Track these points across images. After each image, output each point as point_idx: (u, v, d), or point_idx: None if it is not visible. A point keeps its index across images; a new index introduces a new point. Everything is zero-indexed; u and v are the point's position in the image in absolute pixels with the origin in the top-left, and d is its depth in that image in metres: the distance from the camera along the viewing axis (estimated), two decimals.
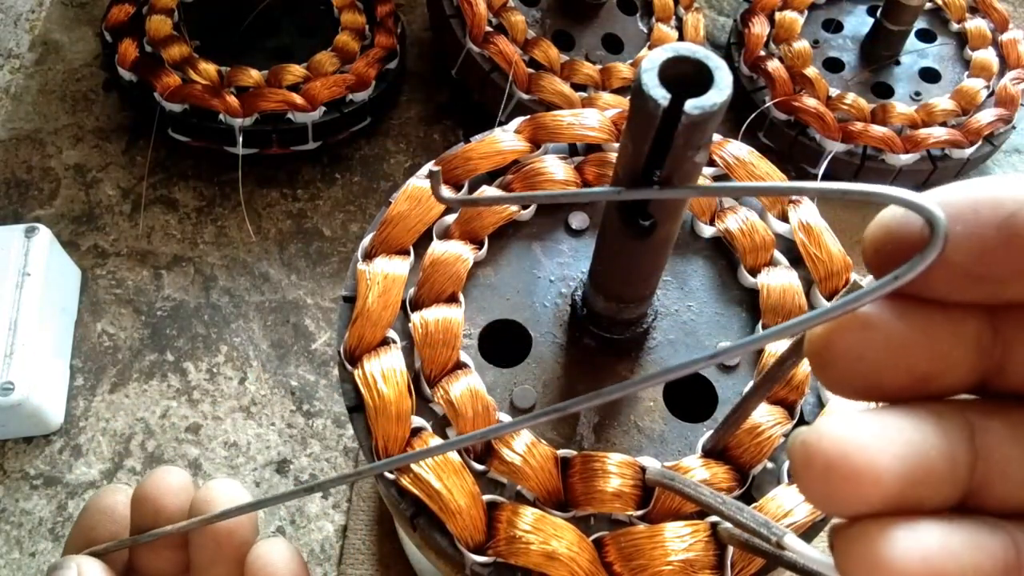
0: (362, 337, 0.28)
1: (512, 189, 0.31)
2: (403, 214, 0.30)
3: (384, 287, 0.28)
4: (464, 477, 0.25)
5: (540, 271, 0.31)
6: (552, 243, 0.31)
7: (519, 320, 0.30)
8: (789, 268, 0.31)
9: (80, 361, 0.58)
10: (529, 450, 0.25)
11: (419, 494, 0.25)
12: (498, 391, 0.28)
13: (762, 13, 0.72)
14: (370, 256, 0.30)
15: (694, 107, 0.19)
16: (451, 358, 0.27)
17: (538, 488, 0.25)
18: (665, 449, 0.27)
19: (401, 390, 0.26)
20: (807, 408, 0.28)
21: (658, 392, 0.29)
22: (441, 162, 0.32)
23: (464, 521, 0.24)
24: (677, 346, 0.30)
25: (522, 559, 0.24)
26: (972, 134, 0.65)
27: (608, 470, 0.25)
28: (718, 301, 0.31)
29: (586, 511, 0.25)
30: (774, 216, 0.32)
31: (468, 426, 0.26)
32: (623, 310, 0.28)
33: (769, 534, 0.20)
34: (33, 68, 0.73)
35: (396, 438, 0.26)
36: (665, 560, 0.24)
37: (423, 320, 0.28)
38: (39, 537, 0.52)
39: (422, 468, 0.25)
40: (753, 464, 0.26)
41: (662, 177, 0.21)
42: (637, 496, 0.25)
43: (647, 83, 0.19)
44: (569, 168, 0.32)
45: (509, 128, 0.33)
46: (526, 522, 0.24)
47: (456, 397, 0.26)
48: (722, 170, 0.32)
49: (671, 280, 0.31)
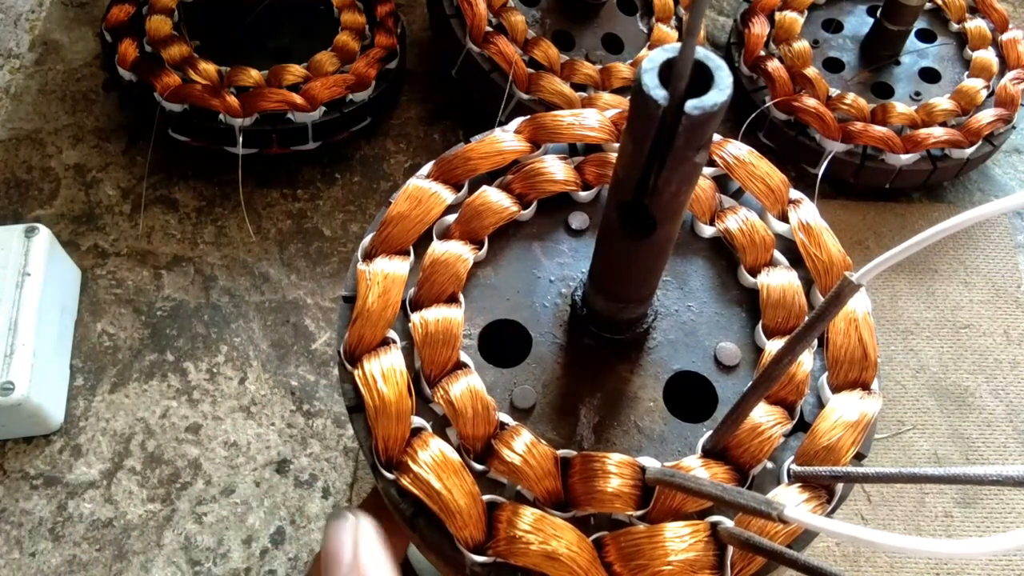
0: (362, 337, 0.27)
1: (512, 189, 0.31)
2: (403, 214, 0.30)
3: (384, 287, 0.28)
4: (464, 477, 0.25)
5: (540, 271, 0.31)
6: (552, 243, 0.31)
7: (519, 320, 0.30)
8: (789, 268, 0.31)
9: (80, 361, 0.58)
10: (529, 450, 0.25)
11: (419, 494, 0.25)
12: (498, 391, 0.28)
13: (762, 13, 0.72)
14: (370, 256, 0.30)
15: (694, 107, 0.19)
16: (451, 358, 0.27)
17: (538, 488, 0.25)
18: (665, 449, 0.27)
19: (401, 390, 0.26)
20: (807, 408, 0.28)
21: (658, 392, 0.29)
22: (441, 162, 0.32)
23: (464, 521, 0.24)
24: (677, 346, 0.30)
25: (522, 559, 0.24)
26: (972, 134, 0.65)
27: (608, 470, 0.25)
28: (718, 301, 0.31)
29: (586, 511, 0.25)
30: (774, 216, 0.32)
31: (468, 426, 0.26)
32: (623, 310, 0.28)
33: (770, 510, 0.20)
34: (33, 68, 0.73)
35: (396, 438, 0.26)
36: (665, 560, 0.24)
37: (423, 320, 0.28)
38: (39, 537, 0.52)
39: (422, 468, 0.25)
40: (753, 464, 0.26)
41: (661, 178, 0.21)
42: (637, 496, 0.25)
43: (647, 83, 0.19)
44: (569, 168, 0.32)
45: (509, 128, 0.33)
46: (526, 522, 0.24)
47: (456, 397, 0.26)
48: (722, 170, 0.32)
49: (671, 280, 0.31)
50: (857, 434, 0.26)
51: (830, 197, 0.70)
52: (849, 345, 0.28)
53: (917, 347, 0.63)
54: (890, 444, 0.59)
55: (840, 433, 0.26)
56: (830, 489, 0.26)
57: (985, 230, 0.69)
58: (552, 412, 0.28)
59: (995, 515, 0.56)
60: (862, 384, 0.28)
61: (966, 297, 0.66)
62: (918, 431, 0.59)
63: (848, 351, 0.28)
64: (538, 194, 0.31)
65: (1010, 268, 0.67)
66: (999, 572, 0.54)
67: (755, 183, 0.31)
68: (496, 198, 0.31)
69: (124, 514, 0.53)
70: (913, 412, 0.60)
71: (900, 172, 0.66)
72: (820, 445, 0.26)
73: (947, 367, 0.62)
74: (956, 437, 0.59)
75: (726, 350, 0.29)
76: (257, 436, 0.56)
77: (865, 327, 0.28)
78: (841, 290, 0.20)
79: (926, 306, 0.65)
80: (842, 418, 0.26)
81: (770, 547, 0.22)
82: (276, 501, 0.54)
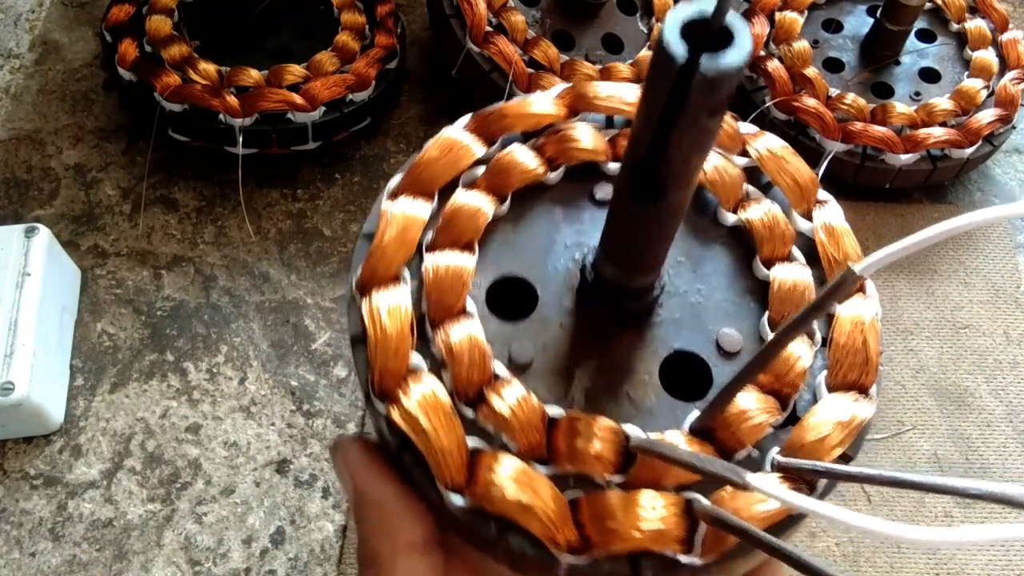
0: (375, 271, 0.28)
1: (543, 151, 0.32)
2: (433, 159, 0.30)
3: (403, 226, 0.28)
4: (452, 419, 0.25)
5: (558, 235, 0.31)
6: (575, 210, 0.32)
7: (529, 279, 0.30)
8: (804, 266, 0.30)
9: (80, 361, 0.58)
10: (519, 403, 0.26)
11: (406, 429, 0.25)
12: (498, 344, 0.28)
13: (762, 13, 0.72)
14: (395, 196, 0.30)
15: (710, 66, 0.19)
16: (456, 304, 0.28)
17: (522, 440, 0.25)
18: (653, 422, 0.28)
19: (403, 326, 0.27)
20: (802, 404, 0.28)
21: (654, 367, 0.29)
22: (477, 117, 0.32)
23: (446, 461, 0.25)
24: (681, 326, 0.30)
25: (496, 506, 0.24)
26: (972, 134, 0.65)
27: (593, 432, 0.25)
28: (729, 288, 0.31)
29: (565, 469, 0.26)
30: (799, 213, 0.32)
31: (463, 371, 0.26)
32: (629, 278, 0.28)
33: (735, 476, 0.21)
34: (33, 68, 0.73)
35: (392, 372, 0.26)
36: (636, 526, 0.24)
37: (435, 263, 0.28)
38: (39, 537, 0.52)
39: (412, 404, 0.25)
40: (737, 448, 0.26)
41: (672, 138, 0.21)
42: (617, 462, 0.26)
43: (668, 37, 0.19)
44: (601, 139, 0.32)
45: (550, 93, 0.33)
46: (505, 471, 0.25)
47: (455, 341, 0.27)
48: (753, 162, 0.32)
49: (684, 261, 0.31)
50: (845, 434, 0.26)
51: None
52: (852, 347, 0.28)
53: (917, 347, 0.63)
54: (890, 444, 0.59)
55: (828, 430, 0.26)
56: (811, 484, 0.26)
57: (985, 230, 0.69)
58: (547, 371, 0.28)
59: (995, 515, 0.56)
60: (860, 387, 0.28)
61: (966, 297, 0.66)
62: (918, 431, 0.59)
63: (850, 352, 0.28)
64: (567, 159, 0.32)
65: (1010, 268, 0.67)
66: (999, 572, 0.54)
67: (784, 177, 0.31)
68: (524, 157, 0.31)
69: (124, 514, 0.53)
70: (913, 412, 0.60)
71: (900, 172, 0.66)
72: (806, 439, 0.26)
73: (947, 367, 0.62)
74: (956, 437, 0.59)
75: (729, 336, 0.29)
76: (257, 436, 0.57)
77: (871, 331, 0.28)
78: (843, 280, 0.20)
79: (926, 306, 0.65)
80: (832, 416, 0.26)
81: (740, 525, 0.22)
82: (276, 501, 0.54)
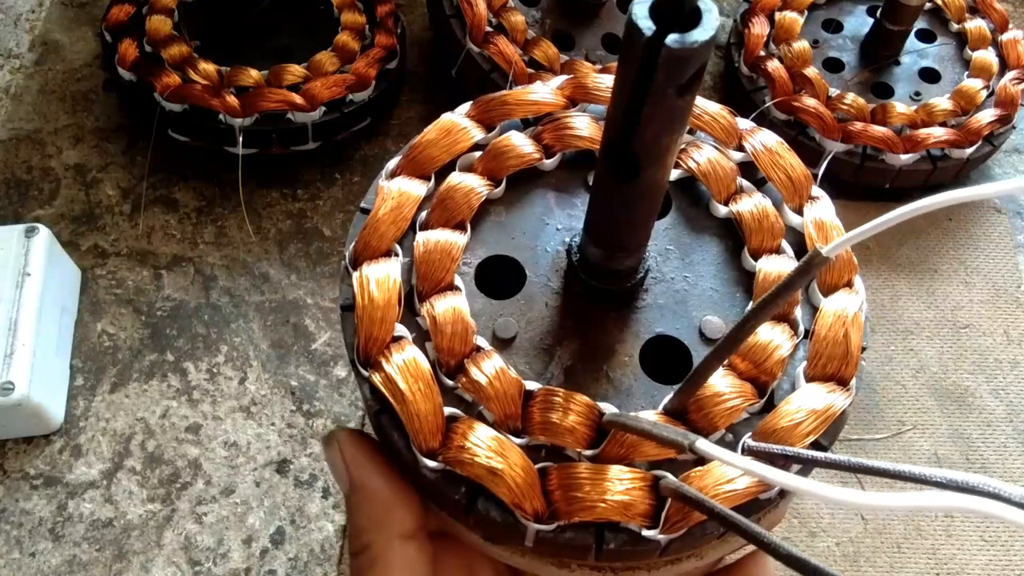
0: (368, 244, 0.29)
1: (540, 138, 0.33)
2: (432, 141, 0.31)
3: (398, 202, 0.30)
4: (431, 387, 0.26)
5: (550, 219, 0.32)
6: (568, 196, 0.33)
7: (518, 259, 0.31)
8: (792, 259, 0.31)
9: (80, 361, 0.58)
10: (497, 374, 0.27)
11: (386, 393, 0.26)
12: (483, 319, 0.29)
13: (762, 13, 0.72)
14: (393, 175, 0.31)
15: (675, 41, 0.20)
16: (445, 279, 0.29)
17: (498, 410, 0.26)
18: (629, 402, 0.28)
19: (391, 296, 0.28)
20: (780, 393, 0.28)
21: (635, 350, 0.29)
22: (478, 103, 0.33)
23: (422, 425, 0.26)
24: (664, 311, 0.30)
25: (467, 469, 0.25)
26: (972, 134, 0.65)
27: (568, 407, 0.26)
28: (716, 278, 0.31)
29: (538, 440, 0.26)
30: (791, 208, 0.32)
31: (445, 341, 0.27)
32: (611, 259, 0.29)
33: (683, 440, 0.22)
34: (33, 68, 0.73)
35: (377, 339, 0.27)
36: (602, 497, 0.25)
37: (426, 238, 0.29)
38: (39, 537, 0.52)
39: (394, 369, 0.26)
40: (710, 431, 0.27)
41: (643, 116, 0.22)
42: (590, 436, 0.26)
43: (637, 14, 0.20)
44: (598, 127, 0.33)
45: (552, 83, 0.34)
46: (478, 437, 0.26)
47: (439, 313, 0.28)
48: (748, 157, 0.32)
49: (673, 249, 0.32)
50: (819, 423, 0.26)
51: (830, 197, 0.70)
52: (833, 339, 0.28)
53: (917, 347, 0.63)
54: (890, 444, 0.59)
55: (802, 417, 0.26)
56: (783, 468, 0.26)
57: (985, 230, 0.69)
58: (529, 348, 0.29)
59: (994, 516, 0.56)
60: (839, 379, 0.28)
61: (966, 297, 0.66)
62: (918, 431, 0.59)
63: (831, 344, 0.28)
64: (563, 147, 0.32)
65: (1010, 268, 0.67)
66: (999, 572, 0.54)
67: (777, 172, 0.32)
68: (520, 142, 0.32)
69: (124, 514, 0.53)
70: (913, 412, 0.60)
71: (900, 172, 0.66)
72: (779, 425, 0.26)
73: (947, 367, 0.62)
74: (956, 437, 0.59)
75: (711, 323, 0.30)
76: (257, 436, 0.57)
77: (853, 325, 0.28)
78: (810, 260, 0.20)
79: (926, 306, 0.65)
80: (807, 404, 0.27)
81: (700, 499, 0.22)
82: (276, 501, 0.54)
